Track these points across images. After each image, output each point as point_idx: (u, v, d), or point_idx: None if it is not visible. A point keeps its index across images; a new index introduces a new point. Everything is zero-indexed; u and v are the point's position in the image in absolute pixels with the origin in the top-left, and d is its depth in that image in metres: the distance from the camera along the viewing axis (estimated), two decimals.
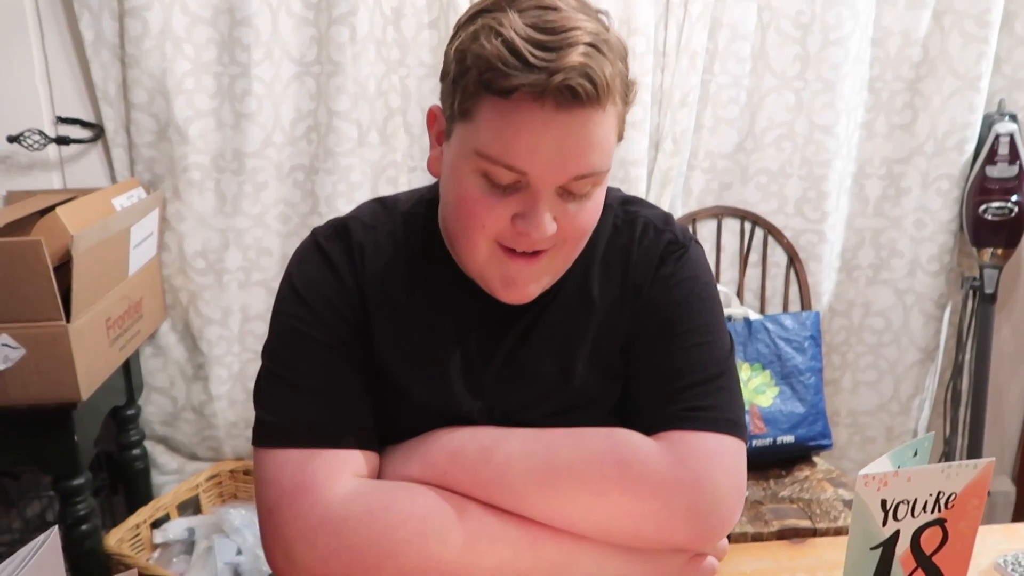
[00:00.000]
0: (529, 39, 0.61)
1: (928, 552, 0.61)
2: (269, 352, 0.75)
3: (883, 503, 0.58)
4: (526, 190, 0.65)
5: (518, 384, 0.75)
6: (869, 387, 1.81)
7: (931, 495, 0.59)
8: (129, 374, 1.51)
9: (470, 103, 0.65)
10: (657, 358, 0.75)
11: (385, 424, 0.75)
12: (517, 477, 0.68)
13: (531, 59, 0.60)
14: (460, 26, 0.67)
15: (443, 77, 0.69)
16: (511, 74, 0.61)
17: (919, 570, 0.62)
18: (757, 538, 1.34)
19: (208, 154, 1.52)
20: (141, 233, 1.42)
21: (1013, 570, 0.70)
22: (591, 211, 0.69)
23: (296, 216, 1.59)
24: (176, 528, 1.43)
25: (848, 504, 1.42)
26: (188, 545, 1.43)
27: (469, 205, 0.67)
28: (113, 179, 1.56)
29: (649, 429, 0.72)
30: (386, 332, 0.74)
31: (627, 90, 0.67)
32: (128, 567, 1.27)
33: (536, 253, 0.68)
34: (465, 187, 0.67)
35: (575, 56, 0.60)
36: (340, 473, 0.69)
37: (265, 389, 0.74)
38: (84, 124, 1.51)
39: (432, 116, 0.72)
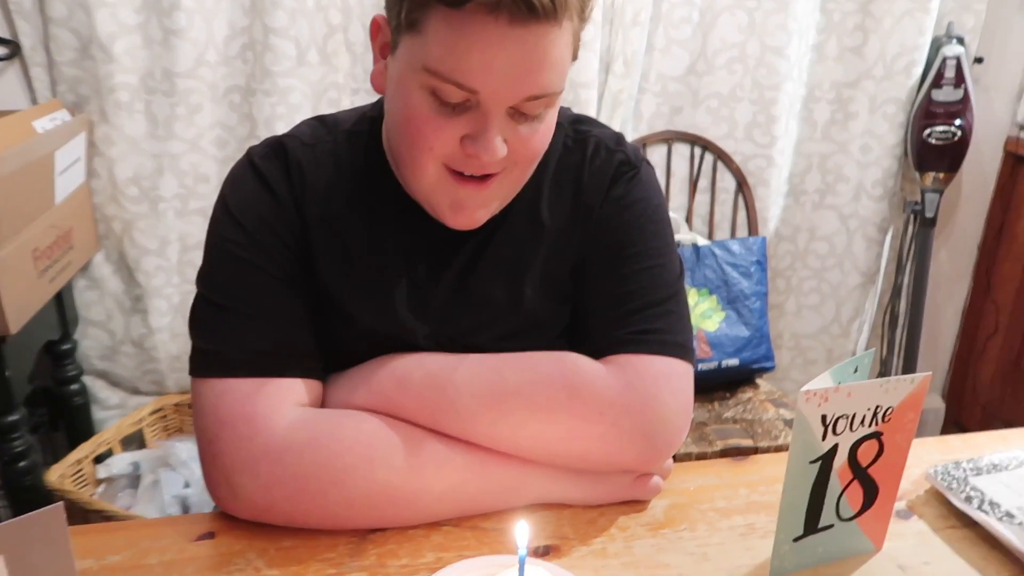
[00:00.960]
0: None
1: (864, 464, 0.63)
2: (204, 278, 0.71)
3: (823, 418, 0.59)
4: (476, 110, 0.62)
5: (466, 309, 0.74)
6: (812, 310, 1.85)
7: (869, 409, 0.61)
8: (63, 307, 1.45)
9: (418, 13, 0.60)
10: (607, 281, 0.74)
11: (328, 351, 0.73)
12: (465, 402, 0.68)
13: None
14: None
15: None
16: None
17: (855, 482, 0.64)
18: (701, 457, 1.38)
19: (136, 73, 1.44)
20: (66, 158, 1.34)
21: (942, 479, 0.73)
22: (543, 134, 0.67)
23: (234, 140, 1.52)
24: (120, 463, 1.41)
25: (788, 423, 1.46)
26: (133, 480, 1.40)
27: (416, 125, 0.64)
28: (33, 100, 1.46)
29: (597, 353, 0.71)
30: (327, 255, 0.71)
31: (583, 5, 0.64)
32: (71, 504, 1.25)
33: (485, 177, 0.66)
34: (411, 105, 0.63)
35: None
36: (282, 402, 0.67)
37: (201, 317, 0.71)
38: None
39: (376, 26, 0.68)
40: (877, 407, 0.61)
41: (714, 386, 1.59)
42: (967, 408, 2.06)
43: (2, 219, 1.14)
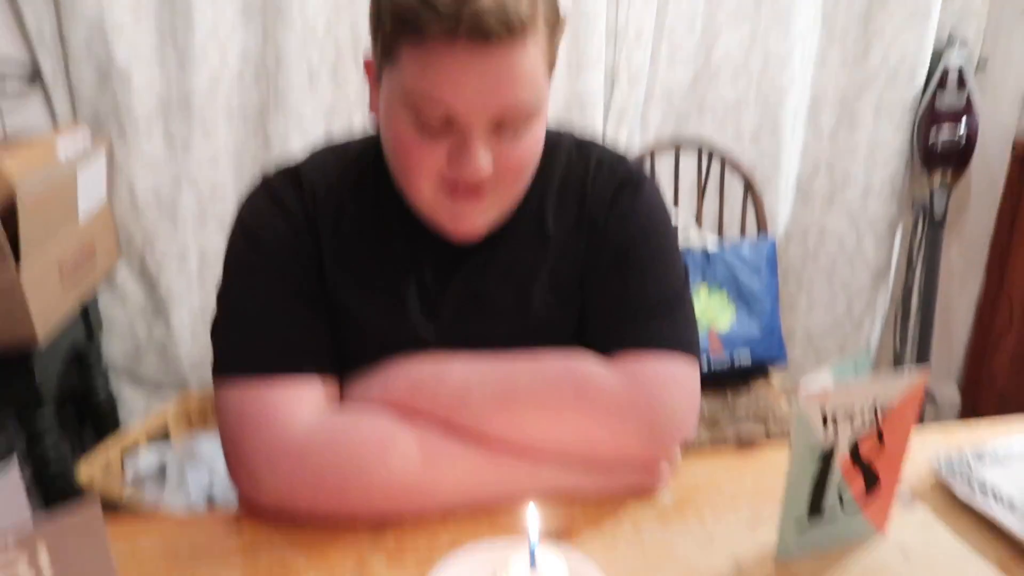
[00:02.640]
0: None
1: (865, 457, 0.65)
2: (223, 297, 0.75)
3: (824, 415, 0.61)
4: (457, 129, 0.66)
5: (475, 313, 0.77)
6: (823, 307, 1.87)
7: (868, 406, 0.63)
8: (88, 314, 1.50)
9: (391, 47, 0.65)
10: (612, 286, 0.77)
11: (344, 364, 0.76)
12: (477, 401, 0.70)
13: (437, 2, 0.60)
14: None
15: (369, 23, 0.68)
16: (421, 17, 0.61)
17: (857, 473, 0.66)
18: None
19: (153, 96, 1.49)
20: (88, 178, 1.39)
21: (945, 469, 0.75)
22: (529, 146, 0.69)
23: (249, 157, 1.56)
24: (147, 458, 1.44)
25: None
26: (160, 474, 1.44)
27: (405, 148, 0.68)
28: (54, 122, 1.51)
29: (604, 353, 0.74)
30: (340, 270, 0.75)
31: (554, 18, 0.66)
32: (102, 497, 1.29)
33: (479, 190, 0.68)
34: (399, 130, 0.67)
35: None
36: (301, 401, 0.70)
37: (221, 330, 0.74)
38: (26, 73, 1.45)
39: (368, 61, 0.72)
40: (876, 404, 0.63)
41: (728, 381, 1.60)
42: (983, 398, 2.06)
43: (29, 239, 1.18)
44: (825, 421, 0.61)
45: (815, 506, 0.65)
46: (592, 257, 0.78)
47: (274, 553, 0.66)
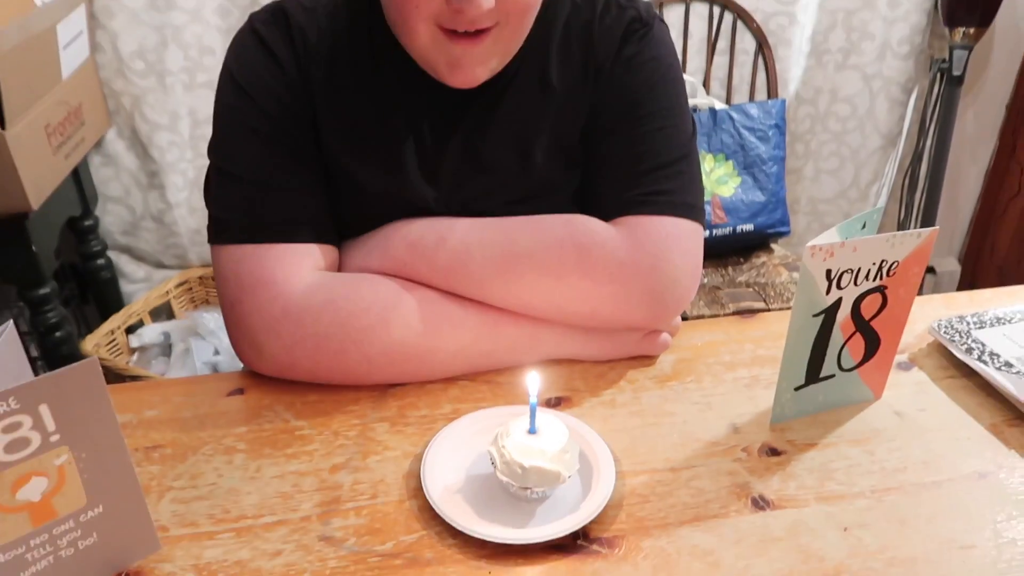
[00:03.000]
0: None
1: (867, 317, 0.65)
2: (214, 148, 0.72)
3: (828, 273, 0.60)
4: None
5: (475, 173, 0.74)
6: (830, 175, 1.83)
7: (874, 264, 0.62)
8: (81, 184, 1.47)
9: None
10: (617, 143, 0.74)
11: (340, 222, 0.74)
12: (477, 265, 0.69)
13: None
14: None
15: None
16: None
17: (857, 334, 0.65)
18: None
19: None
20: (69, 31, 1.32)
21: (944, 332, 0.75)
22: None
23: (236, 9, 1.48)
24: (151, 332, 1.46)
25: None
26: (165, 348, 1.47)
27: None
28: None
29: (607, 215, 0.72)
30: (334, 122, 0.71)
31: None
32: (108, 370, 1.31)
33: (479, 33, 0.64)
34: None
35: None
36: (299, 266, 0.69)
37: (214, 186, 0.72)
38: None
39: None
40: (883, 261, 0.62)
41: (728, 252, 1.59)
42: (983, 271, 2.06)
43: (10, 94, 1.13)
44: (830, 280, 0.60)
45: (813, 369, 0.66)
46: (596, 108, 0.74)
47: (278, 419, 0.67)
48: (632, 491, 0.60)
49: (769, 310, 1.42)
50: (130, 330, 1.48)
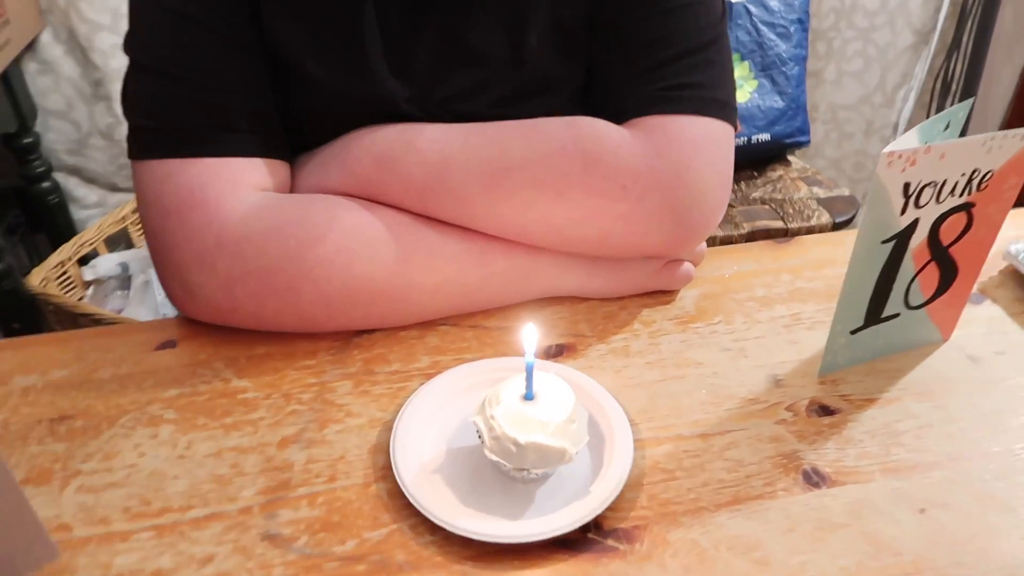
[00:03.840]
0: None
1: (946, 243, 0.52)
2: (131, 40, 0.57)
3: (906, 187, 0.47)
4: None
5: (456, 65, 0.59)
6: (853, 78, 1.66)
7: (964, 175, 0.48)
8: (15, 96, 1.30)
9: None
10: (631, 25, 0.59)
11: (291, 130, 0.60)
12: (459, 180, 0.56)
13: None
14: None
15: None
16: None
17: (932, 263, 0.53)
18: (727, 241, 1.28)
19: None
20: None
21: None
22: None
23: None
24: (106, 264, 1.32)
25: (823, 203, 1.34)
26: (123, 281, 1.33)
27: None
28: None
29: (620, 116, 0.58)
30: (278, 4, 0.56)
31: None
32: (59, 309, 1.18)
33: None
34: None
35: None
36: (237, 185, 0.55)
37: (133, 88, 0.57)
38: None
39: None
40: (974, 172, 0.48)
41: (741, 164, 1.45)
42: None
43: None
44: (907, 196, 0.47)
45: (875, 308, 0.53)
46: None
47: (216, 379, 0.55)
48: (654, 466, 0.48)
49: (788, 230, 1.29)
50: (83, 261, 1.34)
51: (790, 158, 1.48)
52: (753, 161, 1.45)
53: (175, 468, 0.48)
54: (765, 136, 1.40)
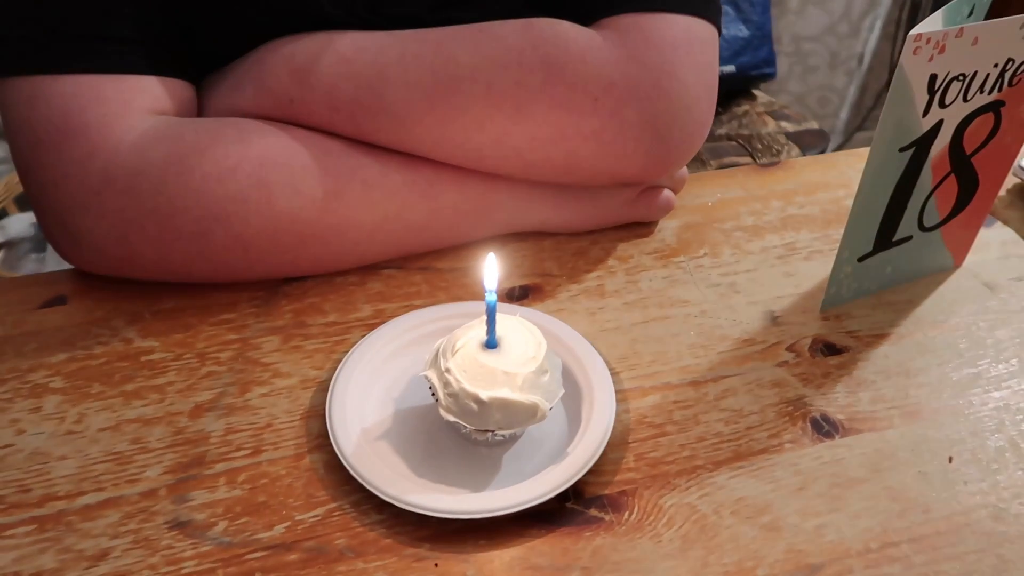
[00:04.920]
0: None
1: (969, 151, 0.45)
2: None
3: (931, 81, 0.39)
4: None
5: None
6: (817, 6, 1.59)
7: (996, 66, 0.41)
8: None
9: None
10: None
11: (197, 44, 0.50)
12: (397, 96, 0.46)
13: None
14: None
15: None
16: None
17: (951, 176, 0.46)
18: None
19: None
20: None
21: None
22: None
23: None
24: (18, 224, 1.20)
25: (791, 137, 1.28)
26: (39, 244, 1.21)
27: None
28: None
29: (588, 15, 0.49)
30: None
31: None
32: None
33: None
34: None
35: None
36: (126, 107, 0.45)
37: None
38: None
39: None
40: (1008, 62, 0.41)
41: None
42: None
43: None
44: (932, 92, 0.40)
45: (886, 229, 0.46)
46: None
47: (115, 340, 0.46)
48: (640, 420, 0.41)
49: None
50: None
51: (755, 92, 1.41)
52: (718, 95, 1.37)
53: (62, 447, 0.39)
54: (730, 68, 1.33)
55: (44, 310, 0.48)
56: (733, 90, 1.38)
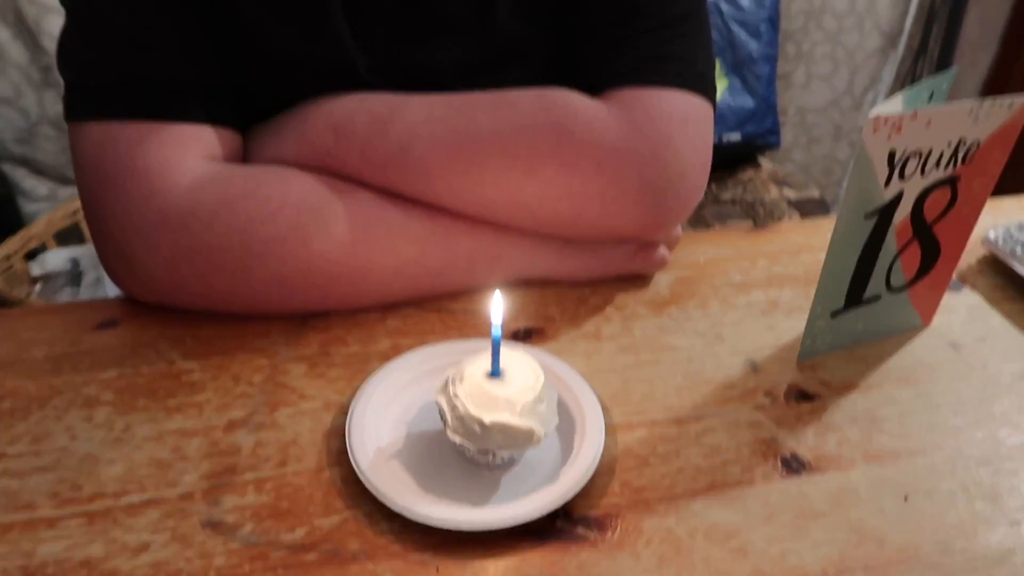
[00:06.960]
0: None
1: (930, 220, 0.50)
2: (71, 4, 0.53)
3: (891, 156, 0.45)
4: None
5: (421, 32, 0.56)
6: (822, 81, 1.67)
7: (950, 144, 0.46)
8: None
9: None
10: None
11: (243, 97, 0.56)
12: (423, 153, 0.52)
13: None
14: None
15: None
16: None
17: (914, 242, 0.51)
18: None
19: None
20: None
21: (1003, 243, 0.61)
22: None
23: None
24: (56, 259, 1.26)
25: (793, 205, 1.34)
26: (74, 278, 1.27)
27: None
28: None
29: (595, 87, 0.55)
30: None
31: None
32: (5, 303, 1.13)
33: None
34: None
35: None
36: (184, 153, 0.51)
37: (71, 45, 0.53)
38: None
39: None
40: (960, 141, 0.46)
41: (712, 164, 1.43)
42: None
43: None
44: (892, 166, 0.45)
45: (856, 288, 0.51)
46: None
47: (160, 360, 0.51)
48: (627, 451, 0.45)
49: None
50: (31, 256, 1.28)
51: (760, 160, 1.47)
52: (724, 162, 1.44)
53: (110, 452, 0.44)
54: (735, 136, 1.39)
55: (98, 332, 0.53)
56: (739, 156, 1.45)
